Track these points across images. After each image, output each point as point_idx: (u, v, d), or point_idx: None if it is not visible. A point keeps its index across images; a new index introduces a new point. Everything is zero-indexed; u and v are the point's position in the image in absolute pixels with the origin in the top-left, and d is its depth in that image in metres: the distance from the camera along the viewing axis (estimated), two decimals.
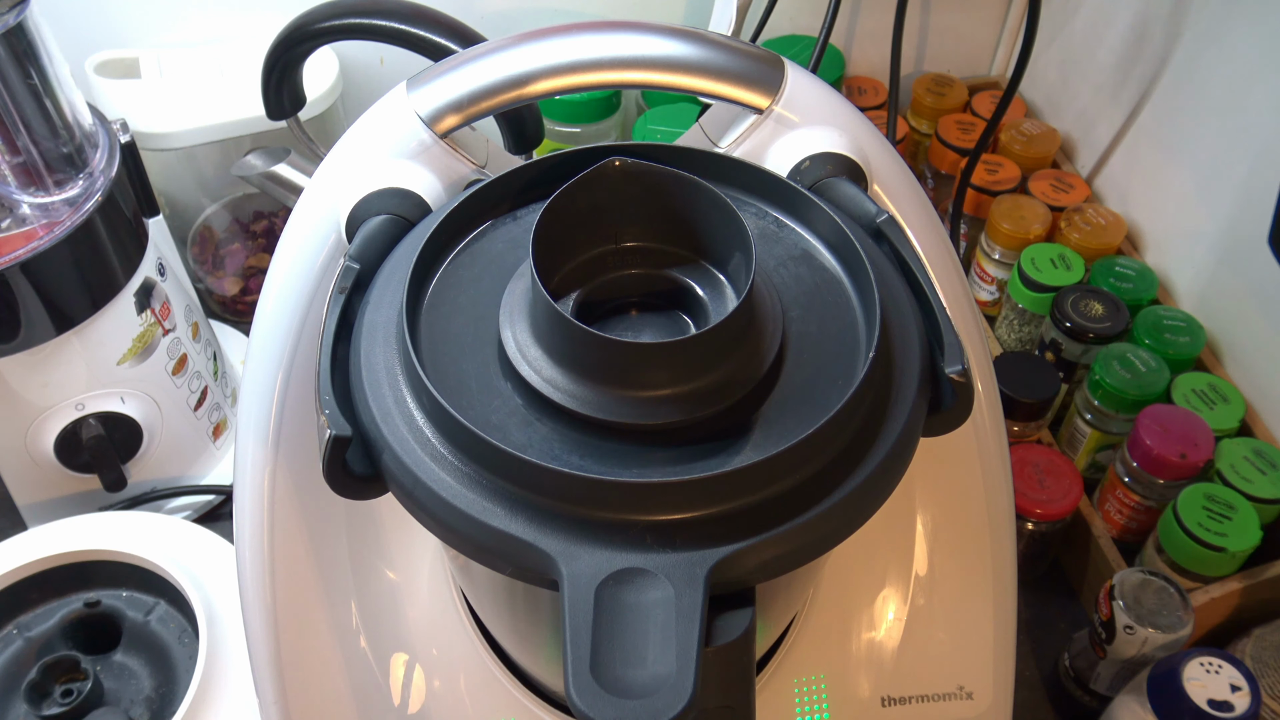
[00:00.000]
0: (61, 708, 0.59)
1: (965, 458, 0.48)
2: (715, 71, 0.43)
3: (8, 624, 0.64)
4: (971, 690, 0.49)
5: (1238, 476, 0.66)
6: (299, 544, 0.44)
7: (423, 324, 0.36)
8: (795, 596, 0.45)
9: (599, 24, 0.44)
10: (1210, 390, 0.71)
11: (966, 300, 0.47)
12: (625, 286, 0.37)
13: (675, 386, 0.33)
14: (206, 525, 0.69)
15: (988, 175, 0.86)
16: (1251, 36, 0.71)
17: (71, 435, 0.68)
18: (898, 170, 0.46)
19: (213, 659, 0.59)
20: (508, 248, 0.38)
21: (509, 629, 0.44)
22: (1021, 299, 0.79)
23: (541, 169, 0.39)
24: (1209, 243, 0.76)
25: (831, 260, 0.38)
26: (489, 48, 0.43)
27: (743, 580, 0.31)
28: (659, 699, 0.27)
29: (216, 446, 0.78)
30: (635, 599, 0.29)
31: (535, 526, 0.30)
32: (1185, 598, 0.61)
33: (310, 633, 0.45)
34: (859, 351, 0.35)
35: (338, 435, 0.31)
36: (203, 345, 0.76)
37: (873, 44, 0.96)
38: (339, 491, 0.33)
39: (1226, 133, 0.74)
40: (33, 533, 0.66)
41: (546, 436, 0.33)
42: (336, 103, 0.83)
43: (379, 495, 0.33)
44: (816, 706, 0.48)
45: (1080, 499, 0.69)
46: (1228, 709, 0.55)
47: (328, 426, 0.31)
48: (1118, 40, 0.84)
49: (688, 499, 0.30)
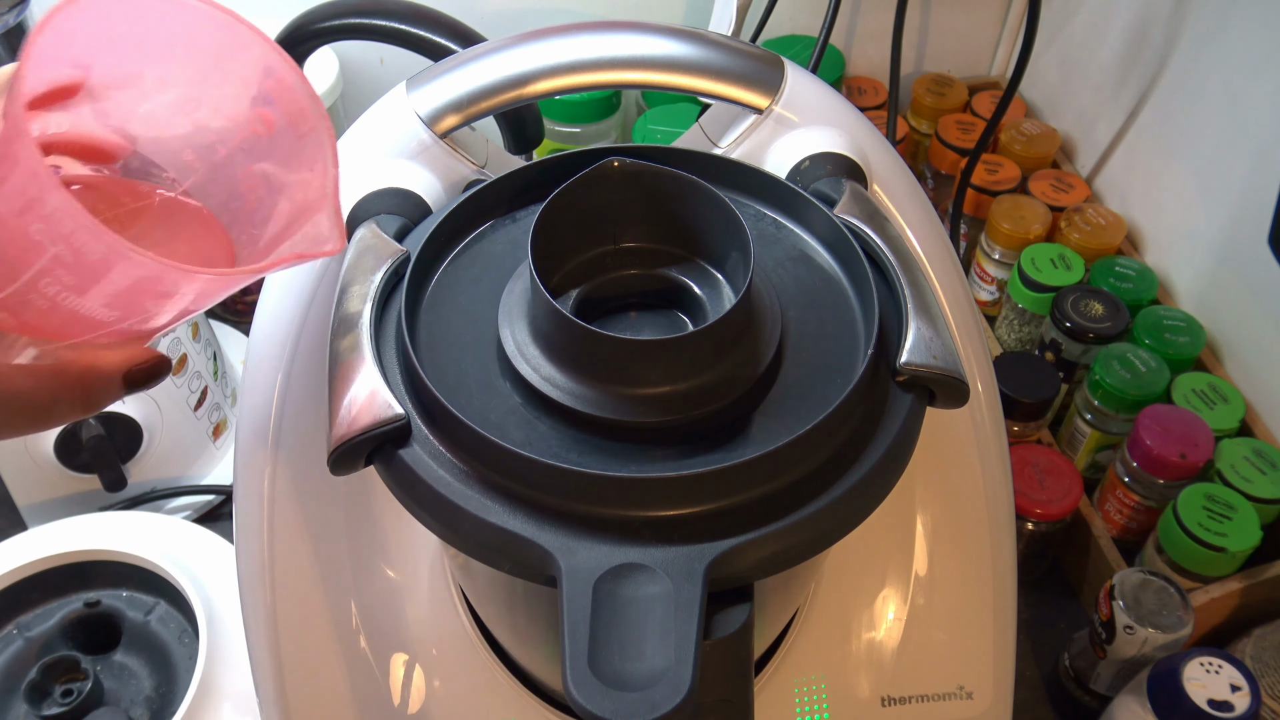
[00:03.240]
0: (61, 708, 0.59)
1: (965, 458, 0.48)
2: (715, 71, 0.43)
3: (8, 624, 0.64)
4: (971, 690, 0.49)
5: (1238, 476, 0.66)
6: (299, 544, 0.44)
7: (422, 323, 0.36)
8: (794, 593, 0.45)
9: (599, 24, 0.44)
10: (1210, 390, 0.71)
11: (966, 300, 0.47)
12: (624, 286, 0.37)
13: (673, 384, 0.33)
14: (206, 525, 0.69)
15: (988, 175, 0.86)
16: (1251, 36, 0.71)
17: (71, 435, 0.68)
18: (898, 170, 0.46)
19: (213, 659, 0.59)
20: (507, 248, 0.38)
21: (509, 628, 0.44)
22: (1021, 299, 0.79)
23: (541, 170, 0.39)
24: (1209, 243, 0.76)
25: (830, 260, 0.38)
26: (489, 48, 0.43)
27: (741, 576, 0.31)
28: (657, 692, 0.27)
29: (216, 446, 0.78)
30: (634, 594, 0.29)
31: (534, 523, 0.30)
32: (1185, 598, 0.61)
33: (310, 633, 0.45)
34: (858, 350, 0.35)
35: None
36: (203, 345, 0.76)
37: (873, 44, 0.96)
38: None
39: (1226, 133, 0.74)
40: (33, 533, 0.66)
41: (545, 434, 0.33)
42: (336, 103, 0.83)
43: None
44: (816, 706, 0.48)
45: (1080, 499, 0.69)
46: (1228, 709, 0.55)
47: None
48: (1118, 40, 0.84)
49: (686, 495, 0.30)
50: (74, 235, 0.27)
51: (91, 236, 0.27)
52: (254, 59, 0.32)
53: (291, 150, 0.32)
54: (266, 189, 0.33)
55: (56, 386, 0.32)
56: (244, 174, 0.33)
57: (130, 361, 0.33)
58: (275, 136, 0.32)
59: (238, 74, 0.32)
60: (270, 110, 0.32)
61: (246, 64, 0.32)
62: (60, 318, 0.29)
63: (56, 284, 0.28)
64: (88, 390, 0.32)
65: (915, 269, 0.36)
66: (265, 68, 0.32)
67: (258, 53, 0.31)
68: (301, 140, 0.32)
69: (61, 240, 0.27)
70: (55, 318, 0.29)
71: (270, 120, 0.32)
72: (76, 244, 0.27)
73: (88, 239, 0.27)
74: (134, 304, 0.29)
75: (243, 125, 0.32)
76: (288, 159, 0.33)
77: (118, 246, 0.27)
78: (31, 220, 0.27)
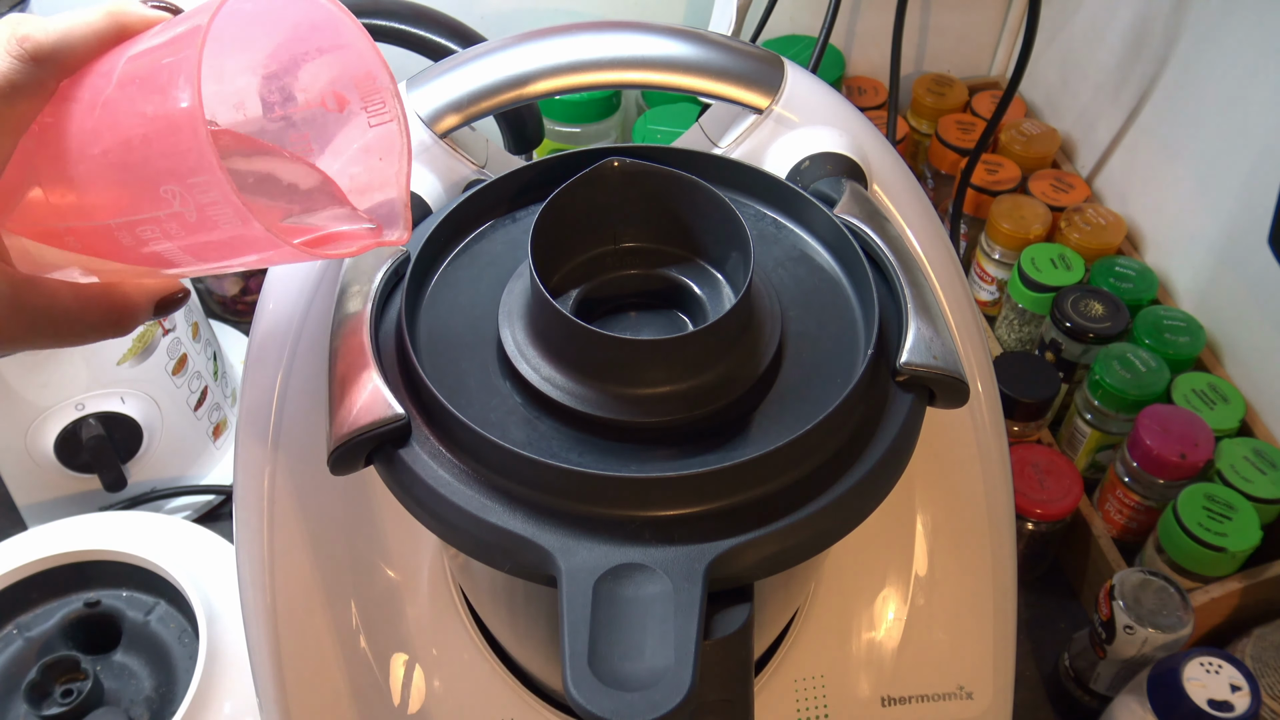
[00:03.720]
0: (61, 708, 0.59)
1: (965, 458, 0.48)
2: (715, 71, 0.43)
3: (8, 624, 0.64)
4: (971, 690, 0.49)
5: (1238, 476, 0.66)
6: (299, 544, 0.44)
7: (422, 323, 0.36)
8: (794, 593, 0.45)
9: (599, 24, 0.44)
10: (1210, 390, 0.71)
11: (966, 300, 0.47)
12: (624, 286, 0.37)
13: (673, 384, 0.33)
14: (206, 525, 0.69)
15: (988, 175, 0.86)
16: (1251, 36, 0.71)
17: (71, 435, 0.68)
18: (898, 170, 0.46)
19: (213, 659, 0.59)
20: (507, 248, 0.38)
21: (509, 628, 0.44)
22: (1021, 299, 0.79)
23: (541, 170, 0.39)
24: (1209, 243, 0.76)
25: (830, 260, 0.38)
26: (489, 48, 0.43)
27: (741, 576, 0.31)
28: (657, 691, 0.27)
29: (216, 446, 0.78)
30: (633, 594, 0.29)
31: (534, 523, 0.30)
32: (1185, 598, 0.61)
33: (310, 633, 0.45)
34: (858, 350, 0.35)
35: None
36: (203, 345, 0.76)
37: (873, 44, 0.96)
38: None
39: (1226, 133, 0.74)
40: (33, 533, 0.66)
41: (545, 434, 0.33)
42: None
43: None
44: (816, 706, 0.48)
45: (1080, 499, 0.69)
46: (1228, 709, 0.55)
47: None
48: (1118, 40, 0.84)
49: (686, 495, 0.30)
50: (213, 207, 0.28)
51: (235, 215, 0.28)
52: (343, 40, 0.33)
53: (360, 135, 0.34)
54: (335, 166, 0.35)
55: (96, 307, 0.33)
56: (303, 148, 0.35)
57: (164, 290, 0.35)
58: (346, 117, 0.34)
59: (326, 53, 0.33)
60: (345, 92, 0.34)
61: (332, 39, 0.33)
62: (136, 255, 0.31)
63: (158, 232, 0.30)
64: (123, 313, 0.34)
65: (915, 269, 0.36)
66: (348, 45, 0.33)
67: (348, 35, 0.33)
68: (372, 128, 0.34)
69: (196, 208, 0.28)
70: (131, 254, 0.31)
71: (343, 101, 0.34)
72: (211, 214, 0.28)
73: (228, 215, 0.28)
74: (211, 257, 0.31)
75: (315, 100, 0.34)
76: (358, 143, 0.34)
77: (255, 225, 0.28)
78: (173, 180, 0.28)
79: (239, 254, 0.31)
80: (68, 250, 0.32)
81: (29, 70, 0.29)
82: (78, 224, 0.31)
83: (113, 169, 0.29)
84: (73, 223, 0.31)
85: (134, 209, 0.29)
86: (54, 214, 0.31)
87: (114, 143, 0.29)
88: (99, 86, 0.30)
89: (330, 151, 0.35)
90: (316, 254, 0.31)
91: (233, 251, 0.30)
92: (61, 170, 0.30)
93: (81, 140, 0.30)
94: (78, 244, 0.32)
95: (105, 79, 0.30)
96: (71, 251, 0.32)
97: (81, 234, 0.31)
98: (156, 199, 0.29)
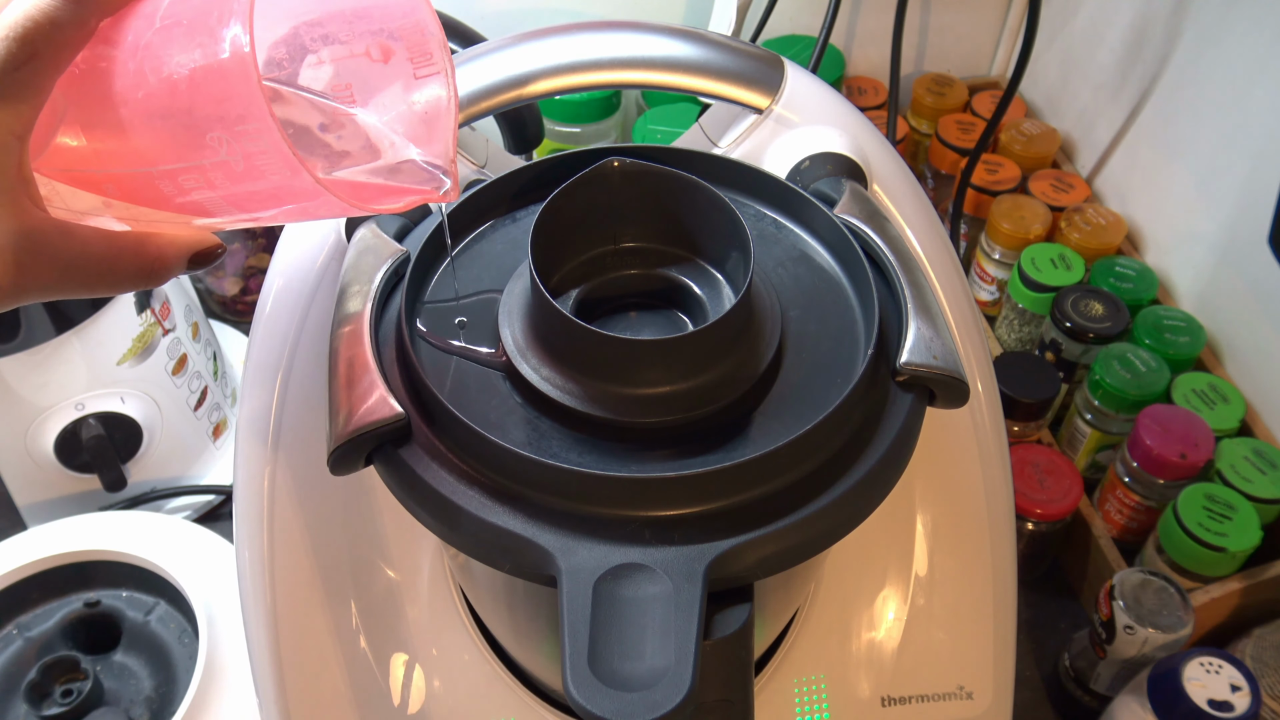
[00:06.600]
0: (61, 708, 0.59)
1: (965, 458, 0.48)
2: (715, 71, 0.43)
3: (8, 624, 0.64)
4: (971, 690, 0.49)
5: (1238, 476, 0.66)
6: (299, 544, 0.44)
7: (421, 323, 0.36)
8: (794, 593, 0.45)
9: (599, 24, 0.44)
10: (1210, 390, 0.71)
11: (966, 300, 0.47)
12: (624, 286, 0.37)
13: (673, 384, 0.33)
14: (206, 525, 0.69)
15: (988, 175, 0.86)
16: (1251, 37, 0.71)
17: (71, 435, 0.68)
18: (898, 170, 0.46)
19: (213, 659, 0.59)
20: (507, 248, 0.38)
21: (509, 628, 0.44)
22: (1021, 299, 0.79)
23: (541, 170, 0.39)
24: (1209, 243, 0.76)
25: (830, 260, 0.38)
26: (489, 48, 0.43)
27: (741, 576, 0.31)
28: (657, 691, 0.27)
29: (216, 446, 0.78)
30: (633, 594, 0.29)
31: (533, 523, 0.30)
32: (1185, 598, 0.61)
33: (310, 633, 0.45)
34: (858, 350, 0.35)
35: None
36: (203, 345, 0.76)
37: (873, 44, 0.96)
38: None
39: (1226, 133, 0.74)
40: (33, 533, 0.66)
41: (545, 434, 0.33)
42: None
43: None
44: (816, 706, 0.48)
45: (1080, 499, 0.69)
46: (1228, 709, 0.55)
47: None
48: (1118, 40, 0.84)
49: (686, 494, 0.30)
50: (261, 155, 0.27)
51: (283, 164, 0.27)
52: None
53: (405, 88, 0.33)
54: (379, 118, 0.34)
55: (129, 257, 0.32)
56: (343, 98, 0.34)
57: (199, 244, 0.34)
58: (391, 68, 0.33)
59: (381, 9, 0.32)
60: (390, 43, 0.32)
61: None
62: (174, 204, 0.30)
63: (200, 180, 0.29)
64: (156, 265, 0.33)
65: (915, 269, 0.36)
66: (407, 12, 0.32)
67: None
68: (418, 79, 0.33)
69: (243, 156, 0.27)
70: (169, 202, 0.30)
71: (387, 52, 0.33)
72: (259, 163, 0.27)
73: (276, 164, 0.27)
74: (251, 207, 0.30)
75: (359, 50, 0.33)
76: (402, 96, 0.33)
77: (305, 176, 0.27)
78: (220, 128, 0.27)
79: (280, 203, 0.29)
80: (103, 196, 0.31)
81: (69, 8, 0.28)
82: (115, 169, 0.29)
83: (156, 114, 0.28)
84: (110, 168, 0.29)
85: (177, 156, 0.28)
86: (91, 159, 0.30)
87: (158, 86, 0.27)
88: (142, 27, 0.28)
89: (374, 105, 0.33)
90: (363, 207, 0.30)
91: (275, 201, 0.29)
92: (101, 114, 0.29)
93: (123, 83, 0.28)
94: (114, 190, 0.30)
95: (149, 20, 0.28)
96: (106, 197, 0.31)
97: (119, 180, 0.30)
98: (201, 146, 0.27)
